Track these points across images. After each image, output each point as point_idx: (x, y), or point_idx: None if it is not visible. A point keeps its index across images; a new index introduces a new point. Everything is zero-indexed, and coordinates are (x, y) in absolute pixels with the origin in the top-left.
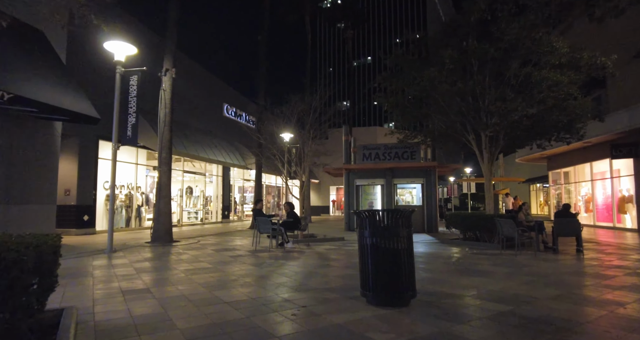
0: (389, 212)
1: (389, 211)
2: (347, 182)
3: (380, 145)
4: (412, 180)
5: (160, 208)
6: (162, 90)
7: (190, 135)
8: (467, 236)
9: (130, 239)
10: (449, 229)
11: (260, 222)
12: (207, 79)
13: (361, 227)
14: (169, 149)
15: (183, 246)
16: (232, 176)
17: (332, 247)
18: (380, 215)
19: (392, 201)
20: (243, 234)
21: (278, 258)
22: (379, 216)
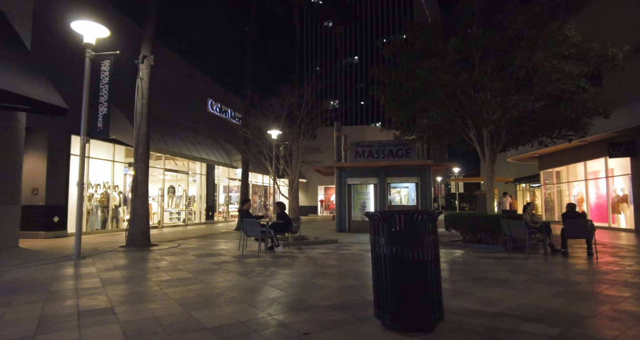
0: (411, 215)
1: (412, 213)
2: (338, 181)
3: (374, 143)
4: (407, 179)
5: (136, 208)
6: (139, 79)
7: (172, 131)
8: (468, 238)
9: (104, 242)
10: (449, 230)
11: (247, 224)
12: (190, 73)
13: (375, 233)
14: (146, 144)
15: (161, 251)
16: (217, 175)
17: (326, 251)
18: (401, 218)
19: (386, 201)
20: (228, 237)
21: (268, 265)
22: (399, 219)
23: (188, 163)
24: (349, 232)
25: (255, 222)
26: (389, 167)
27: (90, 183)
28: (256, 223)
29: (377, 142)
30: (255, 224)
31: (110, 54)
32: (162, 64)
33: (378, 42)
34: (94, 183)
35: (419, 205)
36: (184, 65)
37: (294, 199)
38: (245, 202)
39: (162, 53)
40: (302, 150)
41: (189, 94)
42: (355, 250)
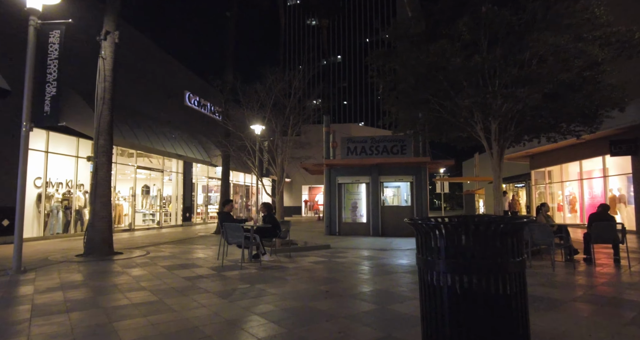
0: (485, 226)
1: (487, 223)
2: (328, 179)
3: (366, 138)
4: (401, 178)
5: (96, 210)
6: (101, 59)
7: (145, 124)
8: None
9: (61, 249)
10: None
11: (228, 229)
12: (167, 62)
13: (426, 251)
14: (108, 135)
15: (125, 261)
16: (195, 173)
17: (320, 259)
18: (469, 230)
19: (379, 202)
20: (206, 241)
21: (254, 280)
22: (467, 232)
23: (163, 160)
24: (340, 235)
25: (237, 227)
26: (383, 165)
27: (50, 181)
28: (239, 228)
29: (370, 137)
30: (238, 229)
31: (60, 22)
32: (135, 50)
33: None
34: (54, 181)
35: (413, 206)
36: (160, 54)
37: (280, 200)
38: (227, 204)
39: (136, 39)
40: (291, 144)
41: (165, 85)
42: (353, 257)
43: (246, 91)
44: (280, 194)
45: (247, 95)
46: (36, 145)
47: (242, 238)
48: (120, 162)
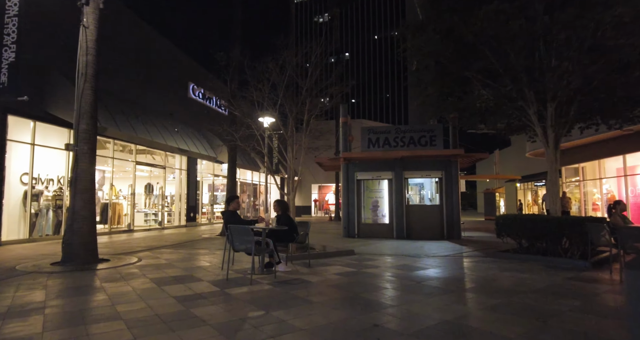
0: None
1: None
2: (345, 176)
3: (390, 128)
4: (429, 174)
5: (75, 209)
6: (83, 27)
7: (144, 115)
8: (524, 246)
9: (41, 255)
10: (502, 237)
11: (235, 233)
12: (168, 51)
13: None
14: (91, 119)
15: (108, 272)
16: (200, 171)
17: (348, 270)
18: None
19: (403, 200)
20: (210, 245)
21: (269, 303)
22: None
23: (165, 156)
24: (359, 237)
25: (246, 230)
26: (408, 159)
27: (39, 178)
28: (247, 231)
29: (395, 127)
30: (247, 233)
31: None
32: (134, 37)
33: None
34: (44, 178)
35: (443, 205)
36: (162, 41)
37: (294, 197)
38: (232, 201)
39: (135, 24)
40: (307, 132)
41: (167, 75)
42: (386, 267)
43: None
44: (294, 191)
45: (257, 74)
46: (20, 137)
47: (251, 243)
48: (118, 158)
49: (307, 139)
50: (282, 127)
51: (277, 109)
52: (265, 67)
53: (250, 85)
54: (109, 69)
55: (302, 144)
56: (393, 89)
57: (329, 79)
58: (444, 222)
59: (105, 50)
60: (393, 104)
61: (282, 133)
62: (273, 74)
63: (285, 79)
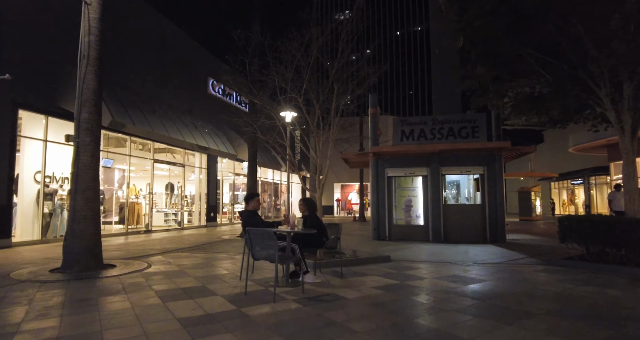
0: None
1: None
2: (375, 172)
3: (426, 119)
4: (469, 170)
5: (76, 209)
6: (85, 4)
7: (161, 111)
8: (592, 253)
9: (47, 259)
10: (567, 242)
11: (255, 237)
12: (187, 45)
13: None
14: (94, 107)
15: (110, 281)
16: (220, 169)
17: (388, 282)
18: None
19: (440, 198)
20: (230, 247)
21: (298, 333)
22: None
23: (185, 154)
24: (390, 240)
25: (267, 234)
26: (446, 153)
27: (53, 176)
28: (270, 235)
29: (432, 117)
30: (269, 237)
31: None
32: (152, 30)
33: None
34: (58, 176)
35: (485, 205)
36: (180, 35)
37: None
38: (251, 199)
39: (152, 17)
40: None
41: (186, 70)
42: (433, 277)
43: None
44: (321, 188)
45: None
46: (32, 133)
47: (275, 250)
48: (135, 155)
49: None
50: (307, 116)
51: (302, 94)
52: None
53: (272, 69)
54: (125, 63)
55: (330, 135)
56: (416, 85)
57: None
58: (486, 223)
59: (122, 44)
60: (416, 101)
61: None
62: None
63: (311, 60)
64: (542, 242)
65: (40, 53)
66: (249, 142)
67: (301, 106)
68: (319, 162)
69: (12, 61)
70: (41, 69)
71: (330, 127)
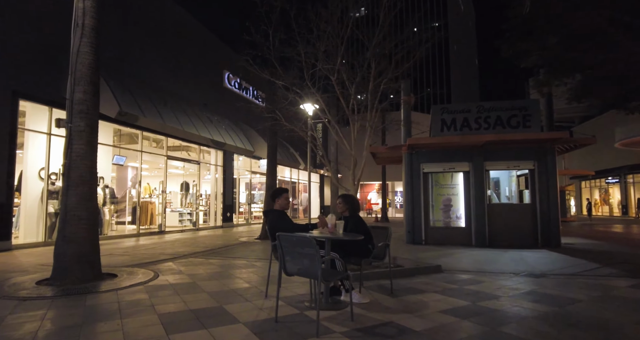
0: None
1: None
2: (409, 168)
3: (470, 106)
4: (517, 164)
5: (68, 207)
6: None
7: (172, 102)
8: None
9: (41, 265)
10: None
11: (286, 246)
12: (202, 36)
13: None
14: (90, 85)
15: (104, 297)
16: (237, 167)
17: (455, 302)
18: None
19: (484, 197)
20: (249, 251)
21: None
22: None
23: (200, 152)
24: (427, 243)
25: (306, 242)
26: (491, 145)
27: (60, 172)
28: (310, 243)
29: (477, 104)
30: (308, 244)
31: None
32: (165, 19)
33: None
34: None
35: (536, 204)
36: (195, 26)
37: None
38: (278, 196)
39: (165, 6)
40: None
41: (200, 62)
42: (507, 294)
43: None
44: (356, 184)
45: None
46: (36, 125)
47: (317, 264)
48: (147, 151)
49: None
50: (342, 99)
51: (336, 71)
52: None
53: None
54: (134, 53)
55: (370, 122)
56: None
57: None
58: (537, 225)
59: (132, 33)
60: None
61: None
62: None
63: (347, 31)
64: (605, 247)
65: (44, 38)
66: (268, 133)
67: (335, 85)
68: (354, 153)
69: (12, 46)
70: (45, 56)
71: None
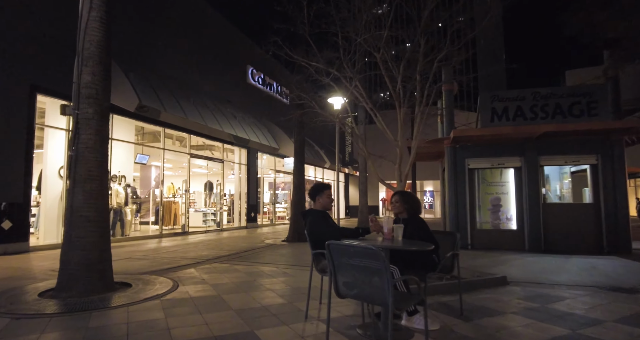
0: None
1: None
2: (453, 163)
3: (525, 93)
4: (577, 159)
5: (74, 207)
6: None
7: (196, 98)
8: None
9: (52, 270)
10: None
11: (339, 258)
12: (225, 30)
13: None
14: (100, 66)
15: (115, 315)
16: (261, 166)
17: (551, 329)
18: None
19: (538, 196)
20: (277, 256)
21: None
22: None
23: (224, 151)
24: (473, 248)
25: (373, 254)
26: (547, 137)
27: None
28: (378, 255)
29: (532, 91)
30: (376, 257)
31: None
32: (187, 12)
33: None
34: None
35: (600, 204)
36: (217, 19)
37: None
38: (320, 193)
39: None
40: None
41: (223, 57)
42: (607, 318)
43: None
44: (404, 181)
45: None
46: (55, 122)
47: (387, 287)
48: (169, 148)
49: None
50: (388, 80)
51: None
52: None
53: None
54: (156, 46)
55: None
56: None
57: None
58: (602, 228)
59: (153, 25)
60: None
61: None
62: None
63: None
64: None
65: (65, 30)
66: (296, 125)
67: (380, 63)
68: (400, 144)
69: (30, 38)
70: (64, 47)
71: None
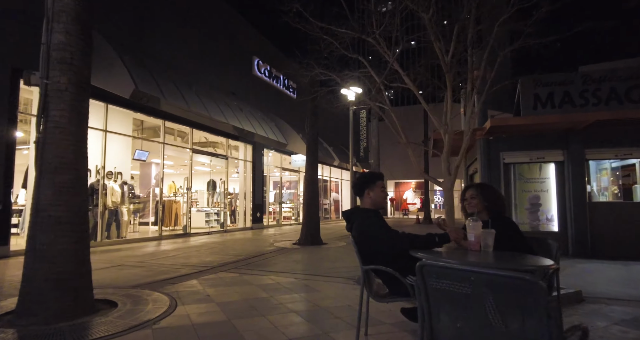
0: None
1: None
2: (486, 158)
3: (573, 77)
4: (628, 153)
5: (40, 206)
6: None
7: (199, 89)
8: None
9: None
10: None
11: (445, 286)
12: (230, 19)
13: None
14: (76, 25)
15: None
16: (267, 164)
17: None
18: None
19: (584, 195)
20: (292, 263)
21: None
22: None
23: (228, 147)
24: None
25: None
26: (597, 127)
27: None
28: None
29: (582, 74)
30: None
31: None
32: None
33: None
34: None
35: None
36: (223, 6)
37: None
38: (371, 184)
39: None
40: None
41: (228, 46)
42: None
43: None
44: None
45: None
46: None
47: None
48: (169, 143)
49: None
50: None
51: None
52: None
53: None
54: (156, 31)
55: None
56: None
57: None
58: None
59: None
60: None
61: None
62: None
63: None
64: None
65: None
66: (309, 113)
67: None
68: (450, 129)
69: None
70: None
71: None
